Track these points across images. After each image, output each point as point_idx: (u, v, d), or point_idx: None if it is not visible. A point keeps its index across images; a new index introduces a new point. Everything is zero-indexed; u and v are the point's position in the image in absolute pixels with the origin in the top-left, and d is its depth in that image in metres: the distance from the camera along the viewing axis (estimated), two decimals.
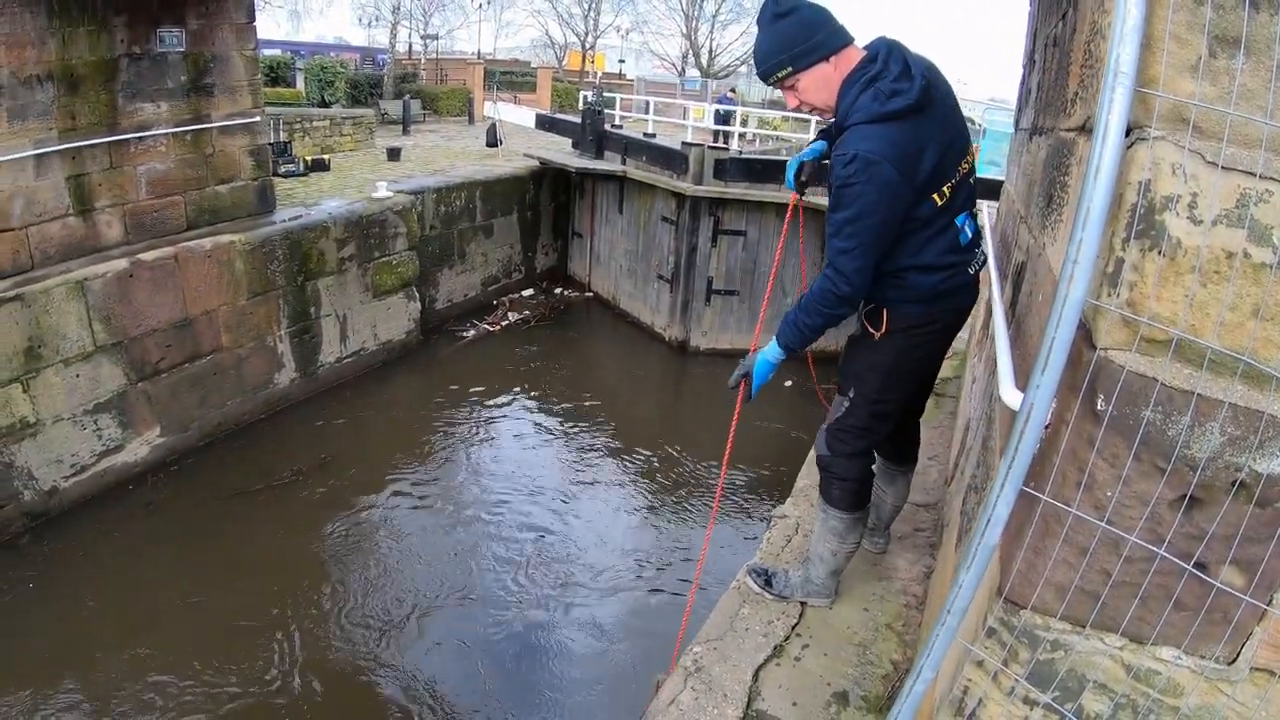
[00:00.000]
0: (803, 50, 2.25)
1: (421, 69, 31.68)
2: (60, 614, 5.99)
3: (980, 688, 1.53)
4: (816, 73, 2.28)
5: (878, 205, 2.16)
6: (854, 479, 2.73)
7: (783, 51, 2.27)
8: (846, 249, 2.23)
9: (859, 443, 2.68)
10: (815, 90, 2.32)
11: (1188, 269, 1.20)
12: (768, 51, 2.31)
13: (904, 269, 2.37)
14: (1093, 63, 1.69)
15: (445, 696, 5.58)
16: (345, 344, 10.35)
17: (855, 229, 2.20)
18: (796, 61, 2.27)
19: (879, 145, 2.13)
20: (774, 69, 2.31)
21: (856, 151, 2.14)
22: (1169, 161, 1.20)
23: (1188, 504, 1.25)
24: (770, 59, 2.30)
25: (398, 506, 7.89)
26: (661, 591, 6.87)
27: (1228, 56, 1.16)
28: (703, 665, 2.72)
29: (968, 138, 2.41)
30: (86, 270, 7.17)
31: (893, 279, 2.40)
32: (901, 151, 2.15)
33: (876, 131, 2.15)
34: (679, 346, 12.78)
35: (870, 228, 2.19)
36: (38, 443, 6.85)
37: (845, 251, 2.24)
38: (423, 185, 12.16)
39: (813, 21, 2.25)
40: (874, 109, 2.16)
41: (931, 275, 2.38)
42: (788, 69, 2.29)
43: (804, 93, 2.34)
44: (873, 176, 2.13)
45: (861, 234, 2.20)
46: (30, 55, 6.73)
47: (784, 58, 2.27)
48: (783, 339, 2.51)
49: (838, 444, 2.70)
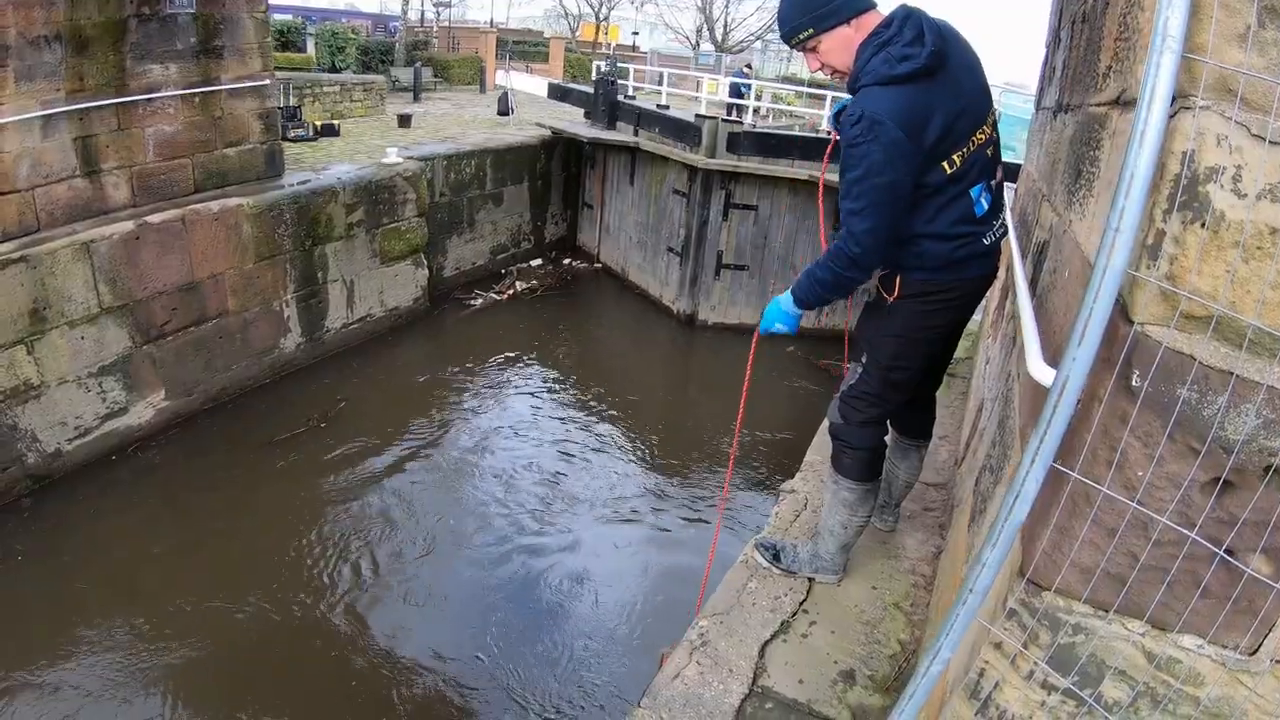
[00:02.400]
0: (824, 12, 2.28)
1: (434, 37, 31.37)
2: (61, 575, 6.01)
3: (997, 670, 1.50)
4: (837, 35, 2.31)
5: (884, 165, 2.17)
6: (866, 448, 2.72)
7: (805, 14, 2.31)
8: (856, 209, 2.25)
9: (872, 410, 2.67)
10: (836, 53, 2.34)
11: (1230, 244, 1.16)
12: (790, 13, 2.35)
13: (917, 235, 2.38)
14: (1129, 35, 1.64)
15: (450, 662, 5.61)
16: (352, 310, 10.32)
17: (863, 188, 2.21)
18: (818, 24, 2.30)
19: (884, 105, 2.16)
20: (795, 30, 2.34)
21: (863, 111, 2.17)
22: (1214, 132, 1.15)
23: (1220, 488, 1.21)
24: (792, 20, 2.34)
25: (403, 468, 7.90)
26: (668, 558, 6.90)
27: (1276, 27, 1.11)
28: (709, 639, 2.70)
29: (987, 106, 2.39)
30: (93, 232, 7.12)
31: (907, 245, 2.41)
32: (908, 114, 2.17)
33: (884, 93, 2.18)
34: (687, 320, 12.72)
35: (878, 187, 2.20)
36: (42, 405, 6.84)
37: (855, 212, 2.26)
38: (433, 152, 12.06)
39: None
40: (883, 71, 2.19)
41: (944, 244, 2.39)
42: (809, 30, 2.32)
43: (825, 55, 2.36)
44: (878, 136, 2.15)
45: (870, 193, 2.21)
46: (38, 15, 6.64)
47: (805, 19, 2.31)
48: (797, 289, 2.55)
49: (851, 412, 2.69)
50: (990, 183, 2.43)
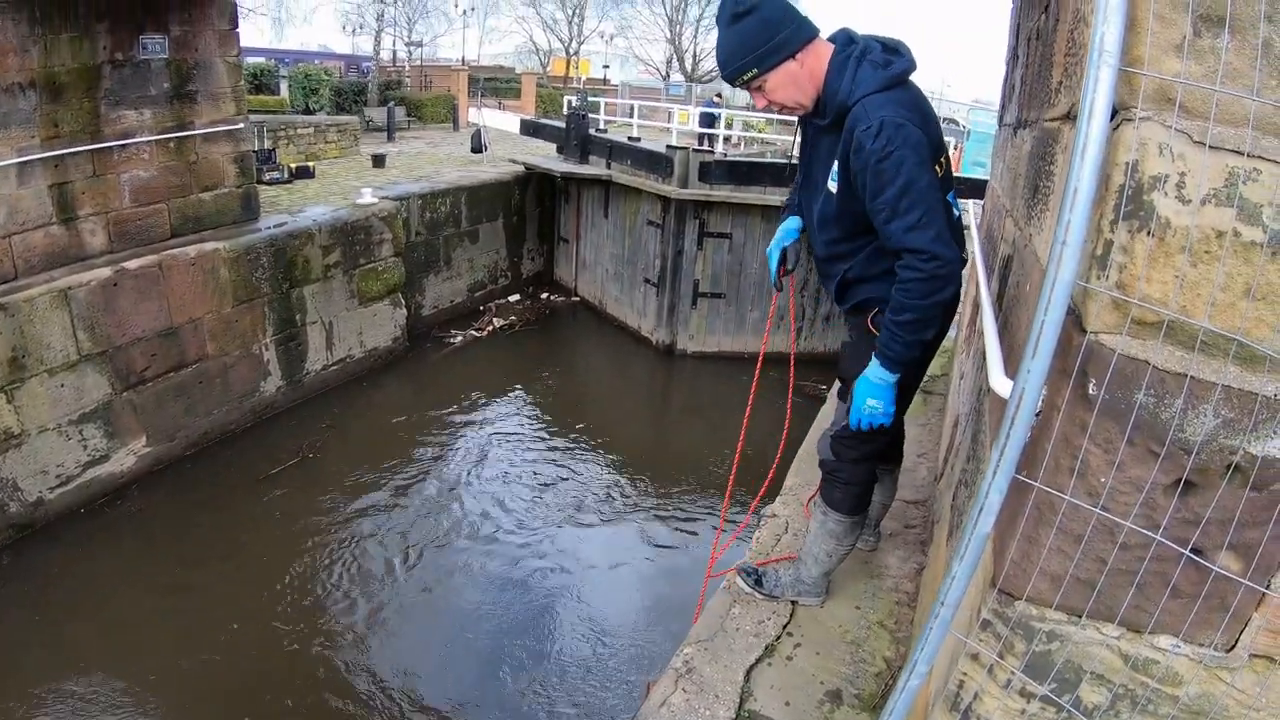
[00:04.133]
0: (766, 51, 2.15)
1: (406, 76, 31.64)
2: (45, 624, 5.92)
3: (976, 681, 1.51)
4: (782, 72, 2.19)
5: (920, 166, 2.06)
6: (858, 483, 2.69)
7: (745, 54, 2.16)
8: (914, 222, 2.07)
9: (865, 448, 2.62)
10: (783, 89, 2.22)
11: (1178, 249, 1.19)
12: (730, 54, 2.20)
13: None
14: (1076, 50, 1.68)
15: (439, 698, 5.55)
16: (331, 351, 10.29)
17: (913, 198, 2.06)
18: (761, 63, 2.16)
19: (898, 108, 2.08)
20: (739, 71, 2.20)
21: (881, 118, 2.05)
22: (1156, 141, 1.18)
23: (1183, 488, 1.23)
24: (733, 62, 2.20)
25: (386, 508, 7.87)
26: (651, 590, 6.86)
27: (1212, 35, 1.14)
28: (694, 666, 2.69)
29: None
30: (70, 279, 7.10)
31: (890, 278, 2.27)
32: (918, 112, 2.13)
33: (890, 97, 2.10)
34: (666, 350, 12.77)
35: (926, 189, 2.07)
36: (22, 453, 6.77)
37: (915, 226, 2.07)
38: (408, 191, 12.13)
39: (775, 20, 2.14)
40: (880, 77, 2.11)
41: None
42: (752, 71, 2.18)
43: (772, 93, 2.24)
44: (906, 138, 2.04)
45: (921, 198, 2.06)
46: (12, 63, 6.66)
47: (749, 59, 2.17)
48: (888, 351, 2.24)
49: (844, 450, 2.65)
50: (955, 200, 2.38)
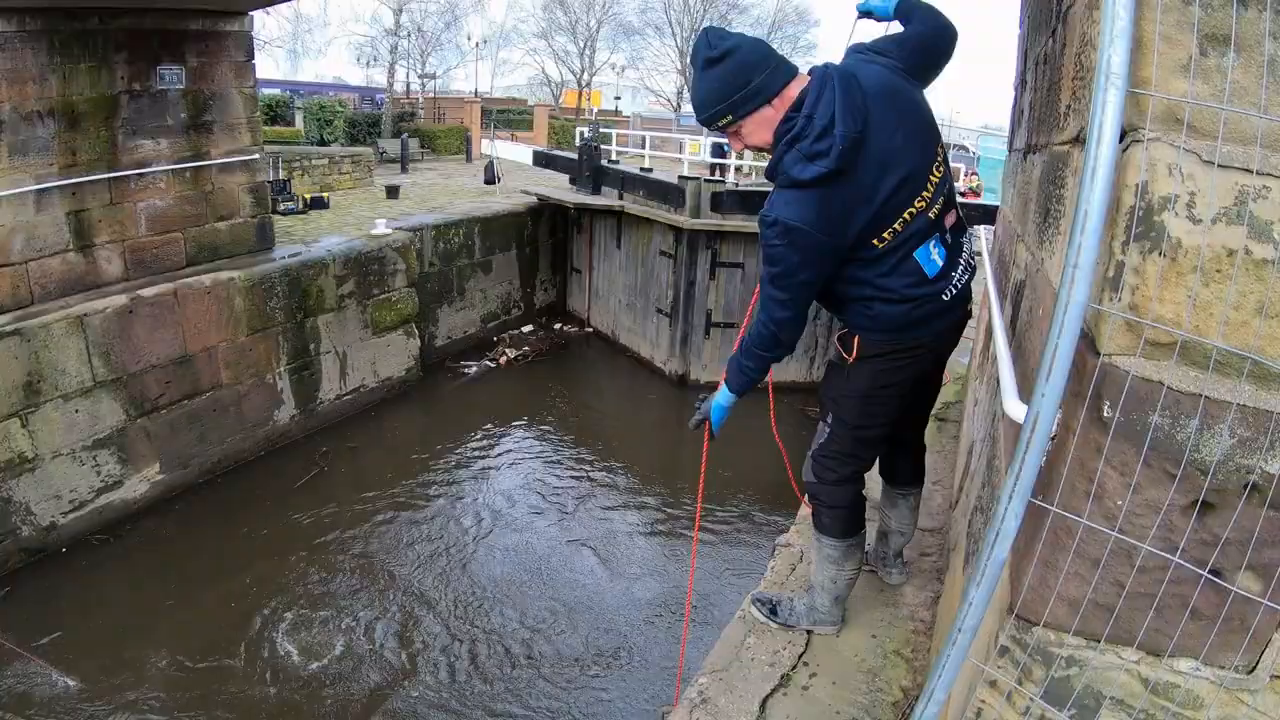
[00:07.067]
0: (741, 98, 2.12)
1: (419, 108, 32.02)
2: (53, 646, 5.93)
3: (994, 708, 1.49)
4: (758, 117, 2.17)
5: (802, 265, 2.16)
6: (844, 506, 2.65)
7: (720, 101, 2.14)
8: (779, 299, 2.25)
9: (845, 469, 2.60)
10: (759, 133, 2.20)
11: (1189, 269, 1.19)
12: (704, 100, 2.18)
13: (869, 298, 2.29)
14: (1084, 73, 1.68)
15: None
16: (345, 381, 10.33)
17: (784, 284, 2.21)
18: (736, 110, 2.15)
19: (798, 211, 2.08)
20: (715, 117, 2.18)
21: (778, 216, 2.10)
22: (1165, 162, 1.19)
23: (1200, 509, 1.22)
24: (709, 108, 2.18)
25: (398, 536, 7.87)
26: (660, 620, 6.82)
27: (1218, 54, 1.15)
28: (708, 697, 2.66)
29: (929, 159, 2.22)
30: (86, 306, 7.18)
31: (861, 305, 2.33)
32: (825, 218, 2.09)
33: (797, 197, 2.09)
34: (679, 380, 12.75)
35: (798, 284, 2.21)
36: (36, 478, 6.82)
37: (779, 301, 2.25)
38: (421, 222, 12.22)
39: (749, 64, 2.11)
40: (793, 174, 2.08)
41: (899, 306, 2.28)
42: (728, 117, 2.17)
43: (748, 137, 2.23)
44: (793, 242, 2.11)
45: (790, 289, 2.21)
46: (31, 91, 6.80)
47: (723, 107, 2.15)
48: (731, 383, 2.59)
49: (825, 471, 2.62)
50: (943, 235, 2.31)
